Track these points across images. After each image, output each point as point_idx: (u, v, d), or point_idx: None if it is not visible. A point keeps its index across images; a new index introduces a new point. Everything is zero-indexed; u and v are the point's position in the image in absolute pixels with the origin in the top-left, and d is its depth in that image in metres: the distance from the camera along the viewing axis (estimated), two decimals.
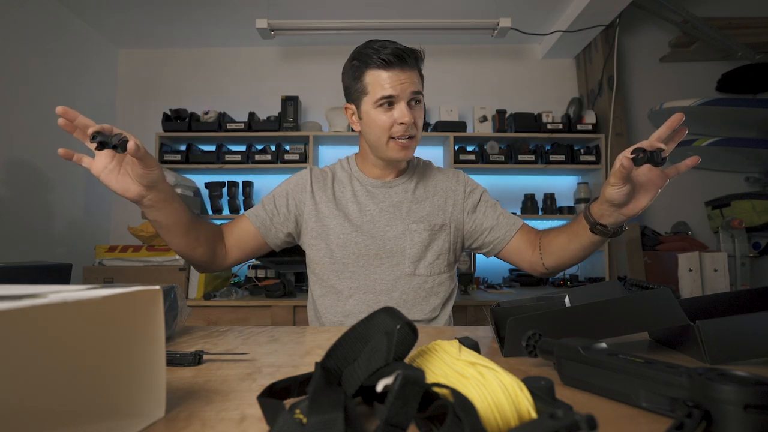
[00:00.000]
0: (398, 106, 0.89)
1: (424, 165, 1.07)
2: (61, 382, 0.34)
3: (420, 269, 0.95)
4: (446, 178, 1.04)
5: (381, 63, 0.87)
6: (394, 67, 0.87)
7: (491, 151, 2.31)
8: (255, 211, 0.99)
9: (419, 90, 0.91)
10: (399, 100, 0.89)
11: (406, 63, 0.88)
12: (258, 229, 0.97)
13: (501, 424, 0.29)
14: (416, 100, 0.91)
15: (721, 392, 0.30)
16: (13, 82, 1.88)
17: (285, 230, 0.99)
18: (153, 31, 2.44)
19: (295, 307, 1.86)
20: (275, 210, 0.98)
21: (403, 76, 0.88)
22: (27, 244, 1.91)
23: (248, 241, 0.97)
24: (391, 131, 0.90)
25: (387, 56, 0.86)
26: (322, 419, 0.26)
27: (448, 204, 1.00)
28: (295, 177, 1.03)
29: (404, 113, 0.88)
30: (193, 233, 0.87)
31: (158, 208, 0.79)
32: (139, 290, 0.35)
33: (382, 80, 0.88)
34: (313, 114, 2.57)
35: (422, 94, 0.92)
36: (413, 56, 0.90)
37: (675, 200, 2.50)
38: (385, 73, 0.87)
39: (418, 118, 0.91)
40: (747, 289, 0.64)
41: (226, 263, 0.97)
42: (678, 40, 2.43)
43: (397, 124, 0.89)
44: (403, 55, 0.87)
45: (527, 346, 0.49)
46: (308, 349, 0.62)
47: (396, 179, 1.01)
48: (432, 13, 2.27)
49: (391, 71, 0.87)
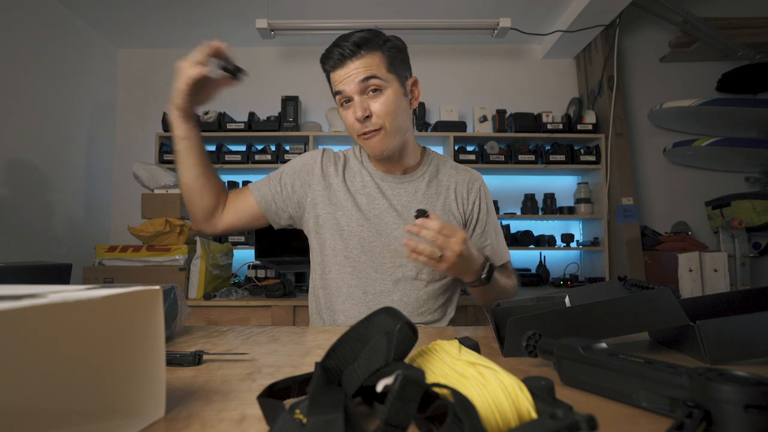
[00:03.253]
0: (354, 102, 0.86)
1: (438, 161, 1.02)
2: (61, 382, 0.34)
3: (423, 275, 0.93)
4: (461, 181, 0.99)
5: (330, 65, 0.86)
6: (339, 65, 0.85)
7: (491, 151, 2.31)
8: (259, 186, 0.98)
9: (372, 75, 0.84)
10: (351, 95, 0.85)
11: (351, 55, 0.84)
12: (258, 204, 0.96)
13: (501, 424, 0.29)
14: (374, 88, 0.85)
15: (722, 392, 0.30)
16: (13, 82, 1.88)
17: (287, 210, 0.97)
18: (153, 31, 2.44)
19: (295, 307, 1.86)
20: (279, 188, 0.96)
21: (350, 68, 0.84)
22: (27, 244, 1.91)
23: (246, 210, 0.97)
24: (355, 129, 0.88)
25: (333, 57, 0.85)
26: (322, 419, 0.26)
27: (458, 210, 0.97)
28: (306, 156, 1.00)
29: (355, 108, 0.85)
30: (208, 169, 0.91)
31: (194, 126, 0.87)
32: (139, 290, 0.35)
33: (335, 80, 0.87)
34: (313, 114, 2.57)
35: (382, 77, 0.84)
36: (359, 44, 0.84)
37: (675, 200, 2.50)
38: (335, 74, 0.87)
39: (379, 108, 0.85)
40: (747, 289, 0.64)
41: (219, 224, 0.96)
42: (678, 40, 2.43)
43: (355, 120, 0.86)
44: (344, 50, 0.84)
45: (527, 346, 0.49)
46: (308, 349, 0.62)
47: (406, 176, 0.97)
48: (432, 13, 2.28)
49: (339, 69, 0.85)
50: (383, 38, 0.87)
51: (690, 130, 2.50)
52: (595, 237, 2.33)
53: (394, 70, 0.87)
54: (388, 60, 0.86)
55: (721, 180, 2.51)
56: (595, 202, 2.37)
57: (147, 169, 2.03)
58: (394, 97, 0.86)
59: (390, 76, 0.86)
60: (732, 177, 2.53)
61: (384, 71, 0.85)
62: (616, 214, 2.22)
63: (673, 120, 2.44)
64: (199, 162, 0.89)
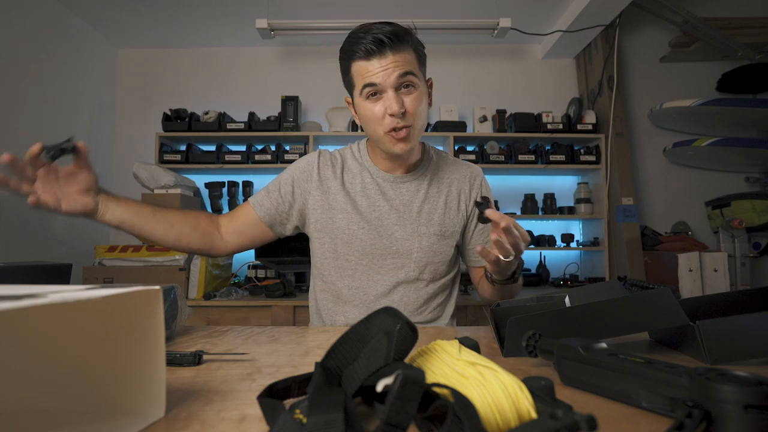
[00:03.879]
0: (385, 95, 0.81)
1: (438, 158, 1.00)
2: (61, 382, 0.34)
3: (425, 274, 0.92)
4: (462, 177, 0.97)
5: (362, 54, 0.81)
6: (376, 54, 0.80)
7: (491, 151, 2.31)
8: (259, 200, 0.94)
9: (409, 71, 0.81)
10: (385, 88, 0.81)
11: (390, 46, 0.79)
12: (262, 219, 0.94)
13: (501, 424, 0.29)
14: (407, 84, 0.81)
15: (722, 392, 0.30)
16: (13, 82, 1.88)
17: (292, 220, 0.96)
18: (153, 31, 2.44)
19: (295, 307, 1.86)
20: (280, 199, 0.94)
21: (386, 61, 0.79)
22: (27, 244, 1.91)
23: (250, 230, 0.94)
24: (383, 124, 0.83)
25: (367, 45, 0.79)
26: (322, 419, 0.26)
27: (460, 207, 0.96)
28: (302, 162, 0.97)
29: (391, 102, 0.80)
30: (169, 219, 0.87)
31: (114, 206, 0.81)
32: (139, 290, 0.35)
33: (365, 70, 0.81)
34: (313, 114, 2.57)
35: (416, 75, 0.82)
36: (399, 37, 0.80)
37: (675, 200, 2.50)
38: (367, 63, 0.81)
39: (411, 105, 0.82)
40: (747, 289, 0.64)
41: (227, 250, 0.95)
42: (678, 40, 2.43)
43: (387, 115, 0.82)
44: (384, 39, 0.78)
45: (527, 346, 0.49)
46: (308, 349, 0.62)
47: (408, 174, 0.94)
48: (432, 13, 2.28)
49: (373, 59, 0.80)
50: (414, 35, 0.85)
51: (690, 130, 2.50)
52: (595, 237, 2.33)
53: (422, 69, 0.86)
54: (418, 58, 0.85)
55: (721, 180, 2.51)
56: (595, 202, 2.37)
57: (147, 169, 2.03)
58: (422, 96, 0.84)
59: (420, 75, 0.85)
60: (732, 177, 2.53)
61: (417, 69, 0.84)
62: (616, 214, 2.22)
63: (673, 120, 2.44)
64: (153, 224, 0.85)
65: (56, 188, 0.75)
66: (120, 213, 0.82)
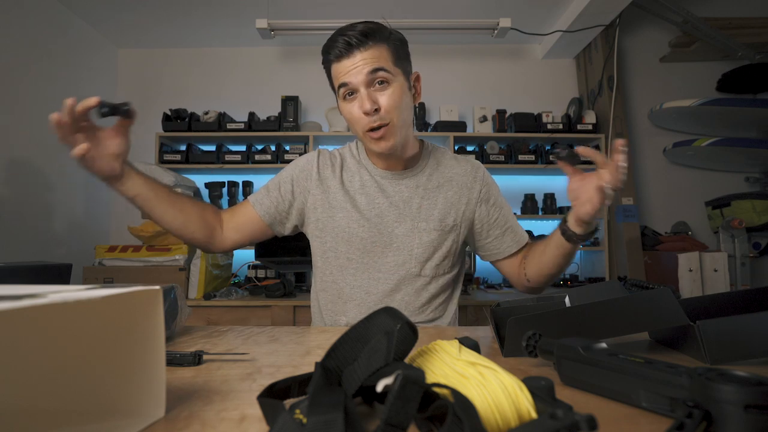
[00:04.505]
0: (359, 95, 0.82)
1: (437, 153, 0.99)
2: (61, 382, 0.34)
3: (426, 270, 0.92)
4: (463, 172, 0.96)
5: (335, 57, 0.82)
6: (345, 54, 0.81)
7: (491, 151, 2.31)
8: (259, 198, 0.95)
9: (379, 67, 0.81)
10: (357, 87, 0.81)
11: (358, 45, 0.80)
12: (262, 218, 0.94)
13: (501, 424, 0.29)
14: (380, 81, 0.81)
15: (722, 392, 0.30)
16: (13, 82, 1.88)
17: (291, 219, 0.96)
18: (153, 31, 2.44)
19: (295, 307, 1.86)
20: (280, 198, 0.95)
21: (355, 59, 0.80)
22: (27, 244, 1.91)
23: (249, 226, 0.95)
24: (361, 124, 0.83)
25: (338, 47, 0.81)
26: (322, 419, 0.26)
27: (461, 201, 0.94)
28: (302, 161, 0.97)
29: (363, 101, 0.81)
30: (179, 204, 0.88)
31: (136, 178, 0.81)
32: (139, 290, 0.35)
33: (338, 72, 0.83)
34: (313, 114, 2.57)
35: (389, 71, 0.82)
36: (367, 34, 0.81)
37: (675, 200, 2.50)
38: (339, 64, 0.82)
39: (386, 101, 0.82)
40: (747, 289, 0.64)
41: (224, 245, 0.95)
42: (678, 40, 2.43)
43: (362, 114, 0.82)
44: (351, 40, 0.80)
45: (527, 346, 0.49)
46: (308, 349, 0.62)
47: (406, 170, 0.94)
48: (432, 13, 2.27)
49: (344, 60, 0.81)
50: (388, 30, 0.85)
51: (690, 130, 2.50)
52: (595, 237, 2.33)
53: (399, 64, 0.85)
54: (394, 53, 0.84)
55: (721, 180, 2.51)
56: None
57: (147, 169, 2.03)
58: (400, 91, 0.84)
59: (396, 70, 0.84)
60: (732, 177, 2.53)
61: (391, 64, 0.83)
62: (616, 214, 2.22)
63: (673, 120, 2.44)
64: (166, 205, 0.86)
65: (92, 146, 0.75)
66: (139, 186, 0.82)
